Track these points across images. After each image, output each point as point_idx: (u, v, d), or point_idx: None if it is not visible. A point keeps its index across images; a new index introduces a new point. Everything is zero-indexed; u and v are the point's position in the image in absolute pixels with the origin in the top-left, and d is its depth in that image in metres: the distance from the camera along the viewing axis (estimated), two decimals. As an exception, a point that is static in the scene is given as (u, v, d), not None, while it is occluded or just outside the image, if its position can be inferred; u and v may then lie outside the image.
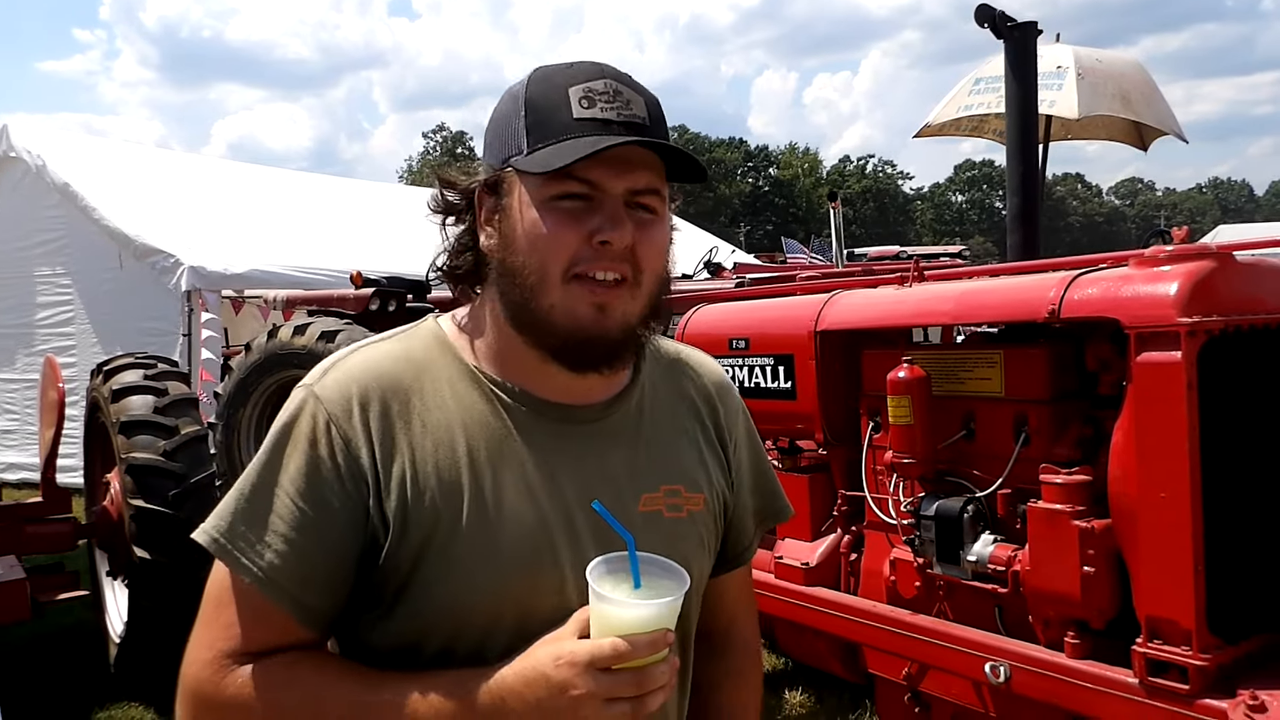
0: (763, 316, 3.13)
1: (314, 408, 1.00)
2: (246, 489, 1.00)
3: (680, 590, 0.93)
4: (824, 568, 2.84)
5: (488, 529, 0.99)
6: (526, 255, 1.01)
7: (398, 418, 1.01)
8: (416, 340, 1.09)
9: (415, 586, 0.98)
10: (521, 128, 1.02)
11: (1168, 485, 1.89)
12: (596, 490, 1.04)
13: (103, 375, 4.37)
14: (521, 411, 1.05)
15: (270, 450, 1.00)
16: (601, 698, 0.89)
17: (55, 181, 8.30)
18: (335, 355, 1.07)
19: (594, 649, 0.89)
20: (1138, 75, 5.97)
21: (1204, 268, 1.93)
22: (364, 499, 0.98)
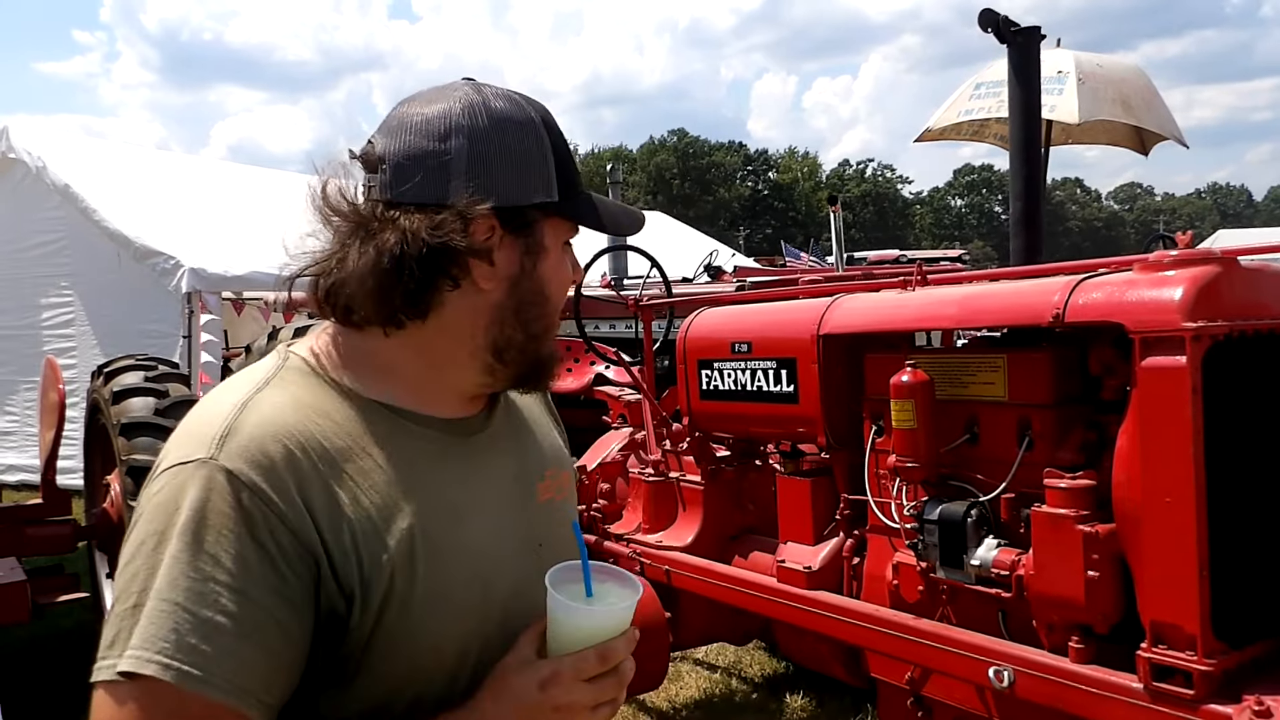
0: (765, 320, 3.13)
1: (230, 485, 0.87)
2: (177, 597, 0.84)
3: (635, 595, 0.97)
4: (826, 571, 2.83)
5: (439, 567, 0.95)
6: (556, 297, 1.05)
7: (327, 475, 0.92)
8: (294, 384, 0.98)
9: (378, 648, 0.92)
10: (552, 169, 1.02)
11: (1172, 490, 1.89)
12: (509, 495, 1.07)
13: (103, 377, 4.36)
14: (430, 435, 1.02)
15: (188, 546, 0.86)
16: (588, 705, 0.93)
17: (56, 183, 8.30)
18: (210, 416, 0.93)
19: (577, 662, 0.92)
20: (1138, 80, 5.98)
21: (1209, 272, 1.93)
22: (313, 574, 0.89)
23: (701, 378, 3.25)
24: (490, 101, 1.02)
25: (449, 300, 1.00)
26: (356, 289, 0.98)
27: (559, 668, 0.92)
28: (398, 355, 1.02)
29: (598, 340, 4.63)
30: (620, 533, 3.69)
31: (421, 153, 0.99)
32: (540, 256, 1.03)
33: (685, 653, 4.39)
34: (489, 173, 0.99)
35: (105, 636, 0.87)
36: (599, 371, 4.86)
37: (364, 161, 1.01)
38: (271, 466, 0.89)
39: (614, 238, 8.98)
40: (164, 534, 0.87)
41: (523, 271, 1.02)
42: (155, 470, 0.93)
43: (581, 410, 6.11)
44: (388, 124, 1.02)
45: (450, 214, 0.97)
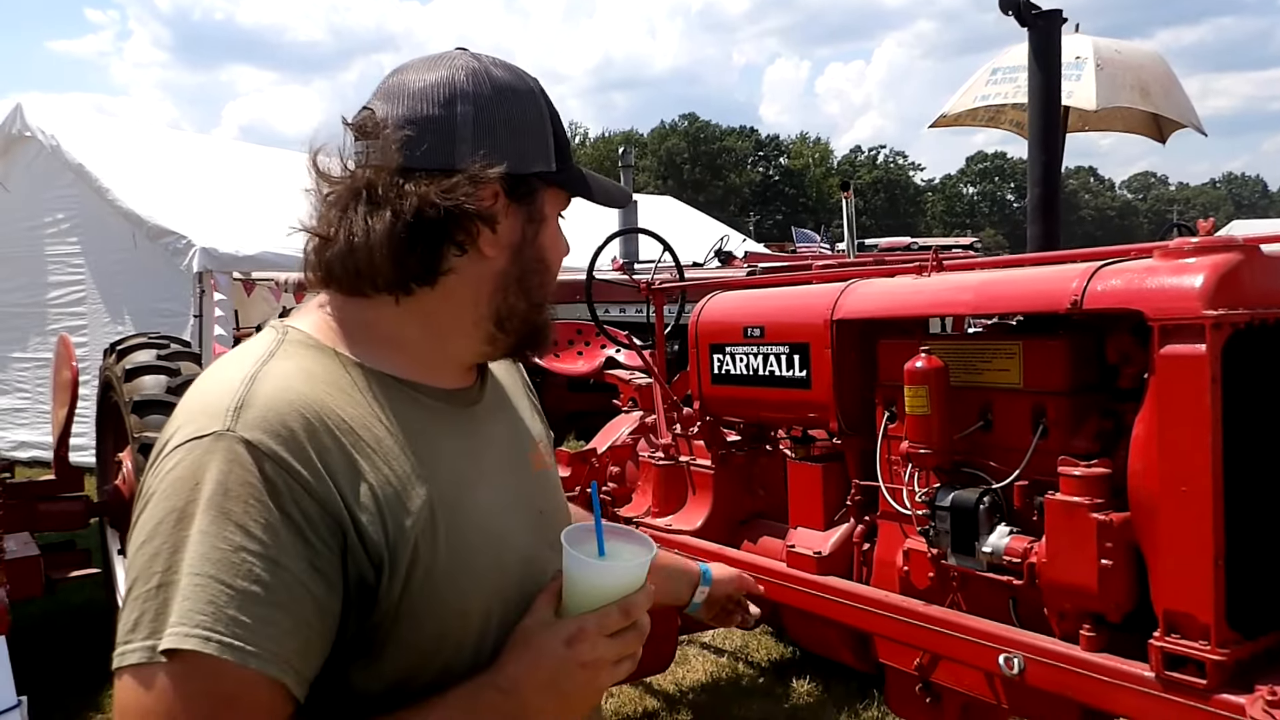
0: (778, 305, 3.11)
1: (251, 456, 0.86)
2: (211, 570, 0.83)
3: (650, 550, 0.99)
4: (836, 557, 2.83)
5: (458, 533, 0.96)
6: (552, 269, 1.08)
7: (344, 441, 0.91)
8: (302, 356, 0.97)
9: (407, 616, 0.93)
10: (549, 140, 1.04)
11: (1189, 479, 1.88)
12: (509, 462, 1.10)
13: (116, 355, 4.38)
14: (436, 406, 1.02)
15: (215, 519, 0.84)
16: (613, 660, 0.95)
17: (70, 161, 8.32)
18: (220, 389, 0.92)
19: (600, 619, 0.94)
20: (1157, 67, 5.91)
21: (1230, 260, 1.91)
22: (340, 542, 0.89)
23: (713, 362, 3.24)
24: (491, 69, 1.02)
25: (455, 267, 1.00)
26: (370, 256, 0.97)
27: (584, 624, 0.94)
28: (401, 325, 1.02)
29: (609, 324, 4.63)
30: (630, 516, 3.69)
31: (427, 118, 0.98)
32: (541, 225, 1.05)
33: (693, 636, 4.40)
34: (495, 139, 0.99)
35: (126, 620, 0.85)
36: (610, 355, 4.86)
37: (360, 129, 1.00)
38: (291, 436, 0.89)
39: (626, 220, 8.96)
40: (185, 510, 0.85)
41: (524, 239, 1.04)
42: (164, 447, 0.91)
43: (592, 394, 6.11)
44: (386, 90, 1.02)
45: (462, 178, 0.97)
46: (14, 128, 8.77)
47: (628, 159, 9.38)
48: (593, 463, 3.95)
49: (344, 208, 0.99)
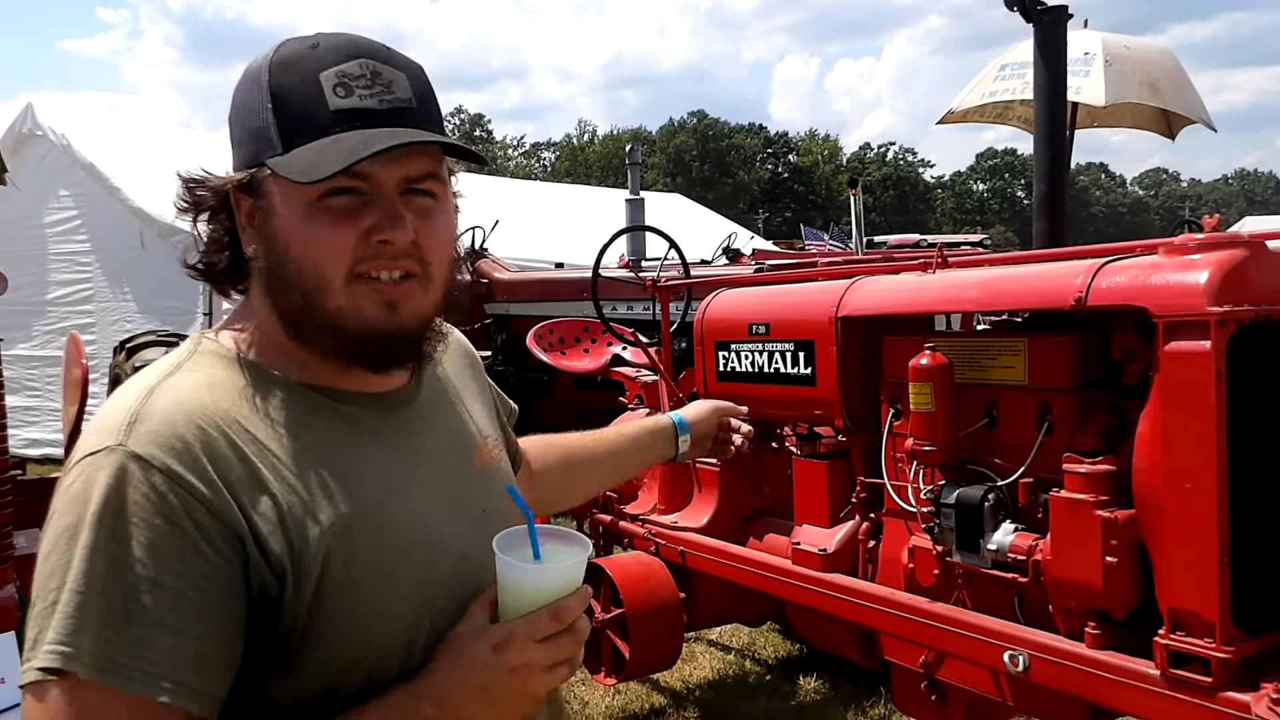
0: (783, 302, 3.11)
1: (141, 470, 0.85)
2: (89, 589, 0.81)
3: (584, 552, 0.97)
4: (841, 554, 2.83)
5: (379, 542, 0.94)
6: (301, 261, 0.94)
7: (247, 452, 0.90)
8: (210, 367, 0.96)
9: (323, 627, 0.90)
10: (271, 122, 0.94)
11: (1194, 476, 1.87)
12: (445, 464, 1.07)
13: (125, 352, 4.41)
14: (354, 413, 1.00)
15: (99, 536, 0.83)
16: (545, 666, 0.92)
17: (80, 159, 8.36)
18: (118, 405, 0.91)
19: (530, 623, 0.91)
20: (1167, 62, 5.88)
21: (1235, 256, 1.90)
22: (240, 555, 0.87)
23: (718, 359, 3.24)
24: (250, 65, 0.99)
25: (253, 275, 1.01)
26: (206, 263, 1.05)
27: (512, 629, 0.92)
28: (271, 331, 1.01)
29: (615, 321, 4.63)
30: (636, 513, 3.70)
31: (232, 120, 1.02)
32: (271, 217, 0.96)
33: (699, 633, 4.41)
34: (237, 139, 1.00)
35: (28, 638, 0.84)
36: (616, 353, 4.86)
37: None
38: (185, 448, 0.87)
39: (633, 217, 8.94)
40: (75, 527, 0.84)
41: (265, 234, 0.97)
42: (67, 465, 0.91)
43: (599, 391, 6.12)
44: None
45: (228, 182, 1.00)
46: (24, 126, 8.82)
47: (635, 157, 9.38)
48: (599, 460, 3.95)
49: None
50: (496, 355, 7.78)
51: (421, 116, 0.96)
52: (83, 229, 8.58)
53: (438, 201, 0.99)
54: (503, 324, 7.79)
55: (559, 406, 7.47)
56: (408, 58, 0.99)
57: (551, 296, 7.48)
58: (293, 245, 0.95)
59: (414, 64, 1.00)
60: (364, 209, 0.95)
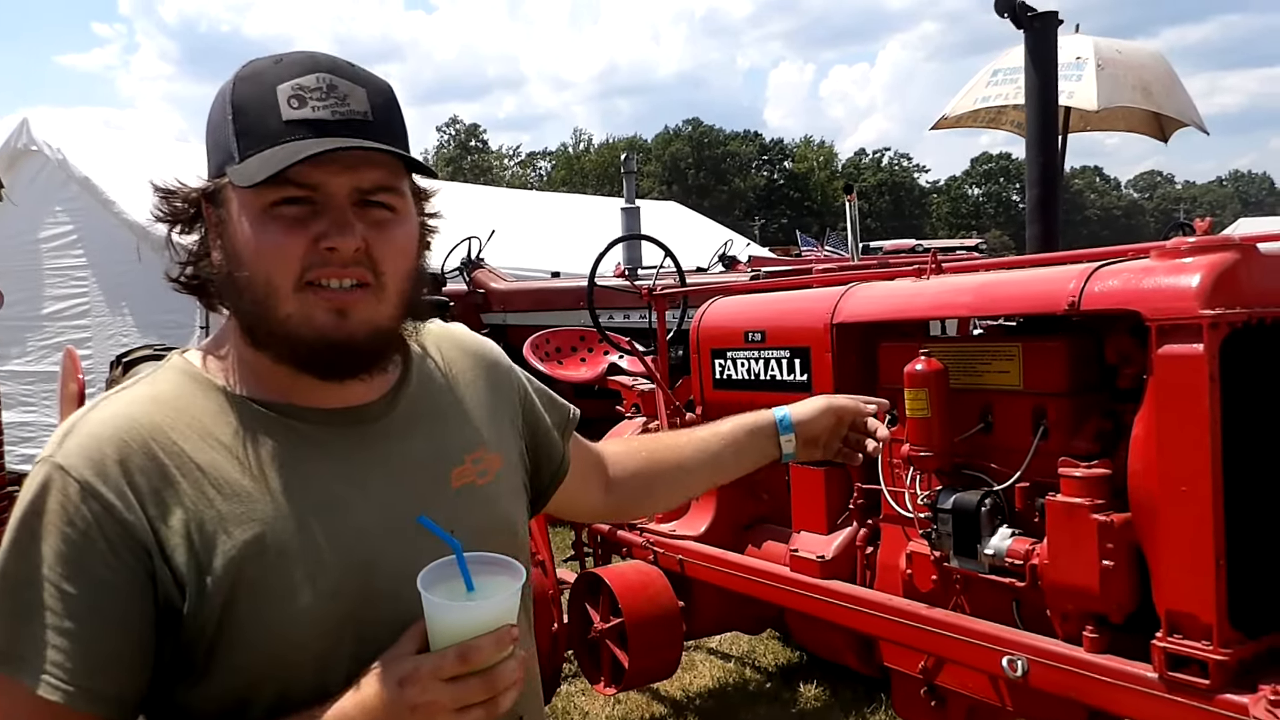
0: (779, 309, 3.12)
1: (61, 481, 0.89)
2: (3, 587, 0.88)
3: (516, 583, 0.92)
4: (839, 561, 2.83)
5: (304, 557, 0.93)
6: (252, 268, 0.96)
7: (168, 465, 0.92)
8: (163, 381, 0.99)
9: (231, 639, 0.91)
10: (231, 133, 0.96)
11: (1189, 479, 1.88)
12: (411, 482, 1.03)
13: (122, 366, 4.39)
14: (304, 429, 0.99)
15: (15, 542, 0.89)
16: (453, 708, 0.88)
17: (75, 174, 8.37)
18: (73, 417, 0.96)
19: (436, 661, 0.88)
20: (1158, 66, 5.91)
21: (1227, 259, 1.91)
22: (146, 565, 0.89)
23: (715, 367, 3.25)
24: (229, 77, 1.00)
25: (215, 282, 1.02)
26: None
27: (418, 665, 0.88)
28: (238, 346, 1.02)
29: (611, 330, 4.64)
30: (633, 521, 3.69)
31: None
32: (225, 225, 0.98)
33: (699, 642, 4.40)
34: (207, 151, 1.01)
35: None
36: (613, 361, 4.86)
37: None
38: (101, 460, 0.91)
39: (629, 226, 8.97)
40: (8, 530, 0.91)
41: (222, 241, 0.99)
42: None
43: (595, 400, 6.12)
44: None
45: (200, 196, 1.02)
46: (19, 142, 8.82)
47: (630, 165, 9.39)
48: (596, 469, 3.95)
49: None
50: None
51: (379, 129, 0.96)
52: (79, 244, 8.58)
53: (396, 214, 0.99)
54: (499, 334, 7.80)
55: (557, 415, 7.47)
56: (373, 74, 1.01)
57: (548, 306, 7.49)
58: (245, 253, 0.96)
59: (378, 80, 1.00)
60: (313, 218, 0.95)
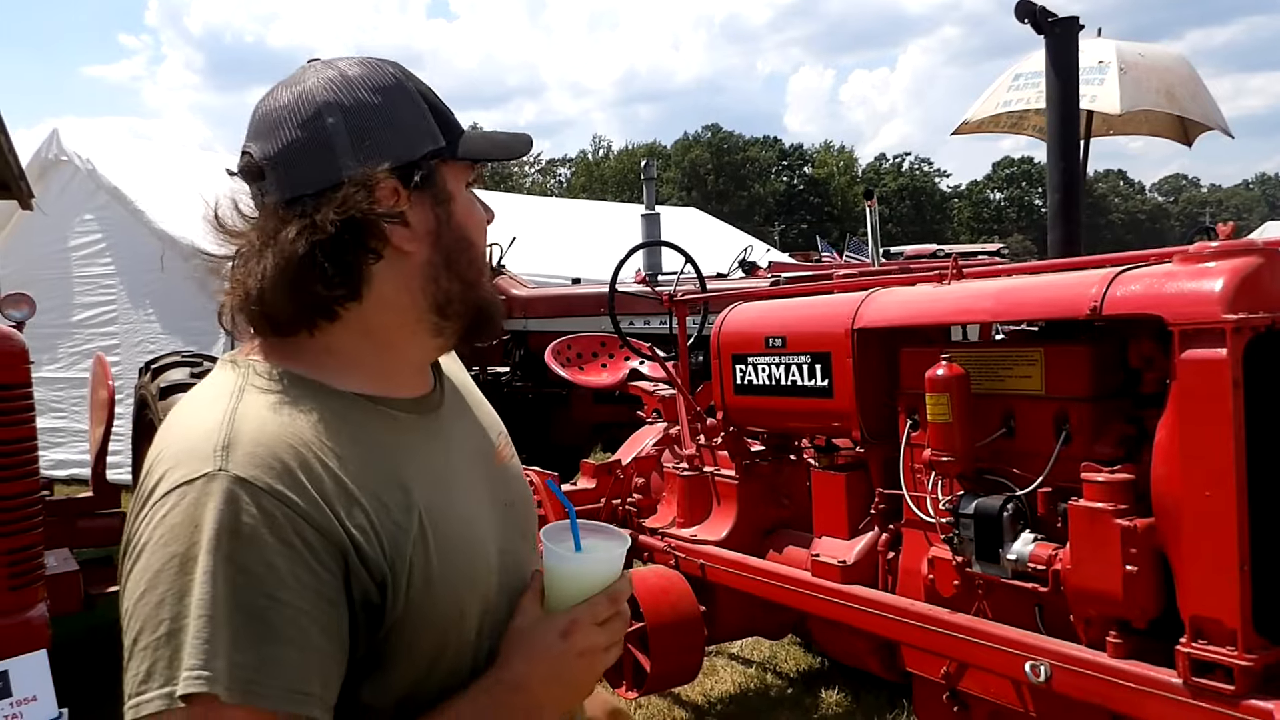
0: (799, 314, 3.13)
1: (247, 493, 0.86)
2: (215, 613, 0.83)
3: (624, 543, 1.05)
4: (861, 566, 2.83)
5: (445, 538, 0.97)
6: (474, 243, 1.04)
7: (334, 468, 0.92)
8: (265, 389, 0.96)
9: (409, 626, 0.94)
10: (428, 118, 1.01)
11: (1212, 484, 1.87)
12: (475, 461, 1.10)
13: (151, 373, 4.47)
14: (405, 417, 1.03)
15: (220, 561, 0.84)
16: (606, 647, 1.01)
17: (104, 183, 8.50)
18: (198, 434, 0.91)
19: (591, 609, 0.99)
20: (1182, 69, 5.87)
21: (1250, 263, 1.91)
22: (343, 570, 0.90)
23: (735, 372, 3.26)
24: (346, 72, 1.01)
25: (378, 274, 0.99)
26: (272, 297, 0.96)
27: (576, 616, 0.99)
28: (351, 344, 1.01)
29: (632, 336, 4.66)
30: (655, 527, 3.71)
31: (299, 141, 0.97)
32: (450, 203, 1.03)
33: (720, 647, 4.40)
34: (373, 138, 0.98)
35: (136, 671, 0.84)
36: (634, 367, 4.88)
37: (246, 174, 1.01)
38: (284, 468, 0.89)
39: (649, 232, 9.00)
40: (186, 554, 0.85)
41: (439, 222, 1.02)
42: (150, 494, 0.90)
43: (617, 405, 6.14)
44: (255, 128, 1.01)
45: (349, 188, 0.96)
46: (49, 152, 8.98)
47: (649, 172, 9.42)
48: (617, 474, 3.97)
49: (249, 258, 0.99)
50: (514, 371, 7.82)
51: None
52: (107, 252, 8.72)
53: None
54: (520, 340, 7.84)
55: (577, 421, 7.49)
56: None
57: (569, 312, 7.52)
58: (469, 228, 1.04)
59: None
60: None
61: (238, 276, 1.00)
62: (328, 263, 0.95)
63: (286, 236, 0.95)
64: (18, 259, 9.01)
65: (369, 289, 0.99)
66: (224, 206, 1.03)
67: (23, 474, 3.16)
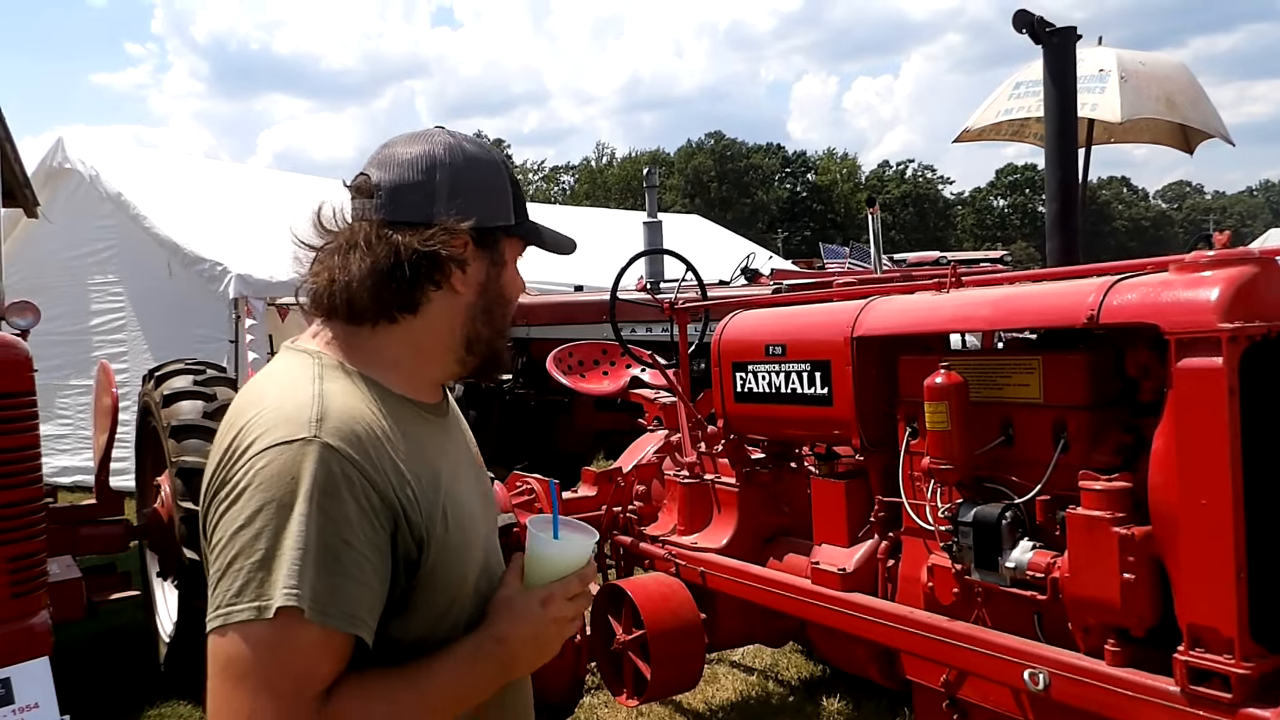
0: (799, 322, 3.14)
1: (336, 459, 1.09)
2: (306, 549, 1.05)
3: (593, 536, 1.29)
4: (861, 573, 2.84)
5: (458, 516, 1.23)
6: (510, 303, 1.33)
7: (387, 448, 1.15)
8: (338, 378, 1.20)
9: (429, 580, 1.18)
10: (509, 200, 1.29)
11: (1209, 492, 1.88)
12: (470, 463, 1.37)
13: (154, 381, 4.49)
14: (428, 417, 1.28)
15: (314, 508, 1.07)
16: (572, 618, 1.26)
17: (108, 191, 8.54)
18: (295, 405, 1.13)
19: (564, 586, 1.24)
20: (1182, 77, 5.88)
21: (1246, 272, 1.92)
22: (392, 528, 1.13)
23: (736, 380, 3.27)
24: (464, 144, 1.28)
25: (434, 299, 1.25)
26: (359, 289, 1.20)
27: (553, 590, 1.24)
28: (397, 349, 1.26)
29: (633, 344, 4.67)
30: (656, 534, 3.72)
31: (412, 183, 1.23)
32: (502, 268, 1.30)
33: (721, 654, 4.41)
34: (466, 199, 1.24)
35: (228, 587, 1.06)
36: (635, 374, 4.89)
37: (358, 190, 1.25)
38: (359, 442, 1.12)
39: (651, 240, 9.02)
40: (284, 499, 1.07)
41: (489, 279, 1.29)
42: (246, 449, 1.11)
43: (618, 413, 6.15)
44: (379, 160, 1.26)
45: (438, 230, 1.22)
46: (55, 160, 9.03)
47: (652, 179, 9.44)
48: (618, 481, 3.98)
49: (339, 253, 1.22)
50: (516, 379, 7.83)
51: None
52: (113, 260, 8.75)
53: None
54: (522, 347, 7.86)
55: (578, 428, 7.50)
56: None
57: (570, 319, 7.54)
58: (510, 291, 1.32)
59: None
60: None
61: (324, 265, 1.23)
62: (403, 278, 1.20)
63: (380, 248, 1.20)
64: (25, 267, 9.04)
65: (424, 310, 1.25)
66: (327, 209, 1.26)
67: (25, 481, 3.17)
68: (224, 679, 1.05)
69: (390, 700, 1.13)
